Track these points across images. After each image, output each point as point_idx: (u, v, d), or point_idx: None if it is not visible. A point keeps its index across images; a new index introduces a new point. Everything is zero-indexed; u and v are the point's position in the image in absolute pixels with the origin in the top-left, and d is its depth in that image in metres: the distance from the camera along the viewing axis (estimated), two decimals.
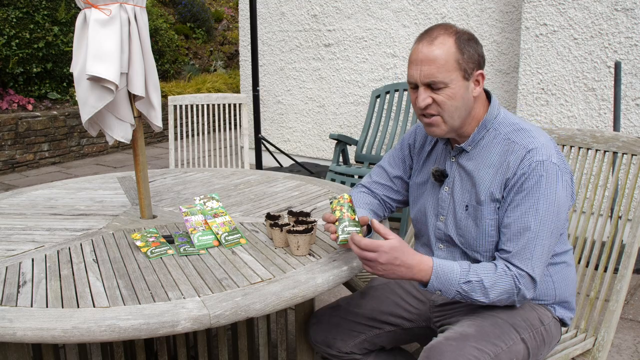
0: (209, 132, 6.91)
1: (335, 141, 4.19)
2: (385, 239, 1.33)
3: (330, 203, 1.46)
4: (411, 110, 4.17)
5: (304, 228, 1.52)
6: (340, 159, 4.51)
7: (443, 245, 1.54)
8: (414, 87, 1.43)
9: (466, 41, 1.39)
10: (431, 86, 1.38)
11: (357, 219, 1.40)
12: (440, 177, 1.54)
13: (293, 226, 1.55)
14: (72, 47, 2.09)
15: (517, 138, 1.42)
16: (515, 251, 1.36)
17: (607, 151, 1.75)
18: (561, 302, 1.53)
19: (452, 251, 1.52)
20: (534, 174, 1.35)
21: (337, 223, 1.40)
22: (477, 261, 1.46)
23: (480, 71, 1.41)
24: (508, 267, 1.36)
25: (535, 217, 1.35)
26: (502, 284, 1.36)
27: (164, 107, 6.30)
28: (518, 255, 1.35)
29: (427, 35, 1.40)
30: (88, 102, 1.69)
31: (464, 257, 1.50)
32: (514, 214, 1.37)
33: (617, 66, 3.11)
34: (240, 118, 3.38)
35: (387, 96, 4.24)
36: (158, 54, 8.14)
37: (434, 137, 1.59)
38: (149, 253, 1.54)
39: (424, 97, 1.39)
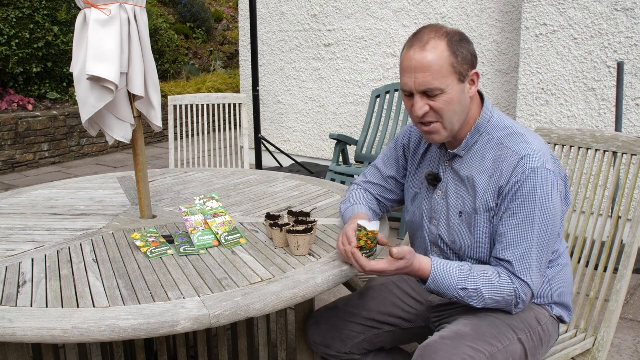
0: (209, 132, 6.91)
1: (335, 141, 4.19)
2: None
3: (359, 231, 1.38)
4: None
5: (304, 228, 1.52)
6: (340, 159, 4.51)
7: (437, 249, 1.54)
8: (409, 94, 1.39)
9: (458, 42, 1.36)
10: (427, 93, 1.35)
11: (375, 249, 1.40)
12: (434, 181, 1.52)
13: (293, 226, 1.55)
14: (72, 47, 2.09)
15: (510, 143, 1.39)
16: (514, 261, 1.35)
17: (607, 151, 1.76)
18: (558, 302, 1.53)
19: (446, 255, 1.52)
20: (528, 181, 1.33)
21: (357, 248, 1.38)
22: None
23: (474, 71, 1.39)
24: (510, 278, 1.36)
25: (531, 226, 1.34)
26: (502, 295, 1.36)
27: (164, 107, 6.30)
28: (518, 265, 1.35)
29: (418, 40, 1.35)
30: (88, 102, 1.69)
31: (458, 260, 1.49)
32: (509, 223, 1.36)
33: (620, 67, 3.10)
34: (240, 118, 3.38)
35: (387, 96, 4.24)
36: (158, 54, 8.14)
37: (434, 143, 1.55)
38: (149, 253, 1.54)
39: (421, 105, 1.36)
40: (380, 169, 1.71)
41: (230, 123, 6.20)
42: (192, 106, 3.91)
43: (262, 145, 4.90)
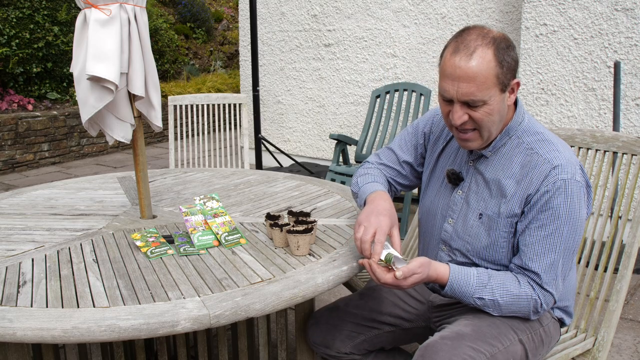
0: (209, 132, 6.91)
1: (335, 141, 4.19)
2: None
3: (387, 259, 1.34)
4: (411, 110, 4.17)
5: (304, 228, 1.52)
6: (340, 159, 4.51)
7: (446, 247, 1.53)
8: (448, 100, 1.36)
9: (504, 51, 1.30)
10: (469, 104, 1.32)
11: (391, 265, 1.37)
12: (456, 180, 1.50)
13: (293, 226, 1.55)
14: (72, 47, 2.09)
15: (541, 150, 1.37)
16: (541, 272, 1.35)
17: (607, 151, 1.76)
18: (560, 307, 1.53)
19: (454, 255, 1.51)
20: (558, 193, 1.32)
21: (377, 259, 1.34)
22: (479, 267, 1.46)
23: (516, 80, 1.35)
24: (533, 288, 1.36)
25: (559, 239, 1.33)
26: (519, 306, 1.37)
27: (164, 107, 6.30)
28: (545, 276, 1.35)
29: (464, 46, 1.29)
30: (88, 102, 1.69)
31: (466, 262, 1.49)
32: (537, 234, 1.35)
33: (617, 66, 3.11)
34: (240, 118, 3.38)
35: (387, 96, 4.24)
36: (158, 54, 8.14)
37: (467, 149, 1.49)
38: (149, 253, 1.54)
39: (460, 114, 1.33)
40: (396, 152, 1.67)
41: (230, 123, 6.20)
42: (192, 106, 3.91)
43: (262, 145, 4.90)
